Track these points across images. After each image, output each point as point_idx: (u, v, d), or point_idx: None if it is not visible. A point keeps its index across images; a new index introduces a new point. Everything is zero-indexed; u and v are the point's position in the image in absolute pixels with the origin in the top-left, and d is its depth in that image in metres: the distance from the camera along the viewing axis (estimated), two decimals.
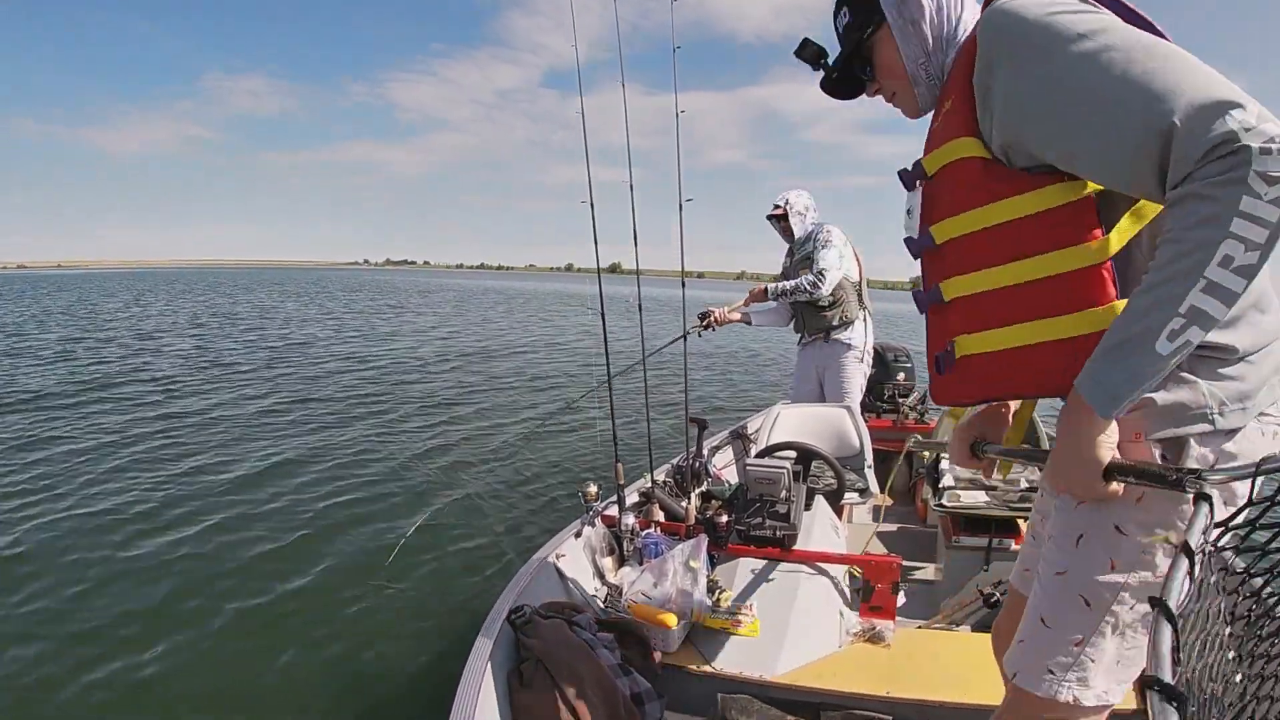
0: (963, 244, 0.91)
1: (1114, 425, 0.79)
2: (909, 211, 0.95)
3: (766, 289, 3.39)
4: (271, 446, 5.48)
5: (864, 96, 1.07)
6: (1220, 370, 0.81)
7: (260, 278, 58.87)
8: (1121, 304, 0.80)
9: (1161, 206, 0.77)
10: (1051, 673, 0.91)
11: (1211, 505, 0.67)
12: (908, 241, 1.00)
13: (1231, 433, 0.82)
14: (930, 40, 0.96)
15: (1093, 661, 0.89)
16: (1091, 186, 0.83)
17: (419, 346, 12.89)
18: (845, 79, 1.05)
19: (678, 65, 2.52)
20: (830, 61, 1.05)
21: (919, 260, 1.02)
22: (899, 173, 0.95)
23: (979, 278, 0.90)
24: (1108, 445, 0.79)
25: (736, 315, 3.42)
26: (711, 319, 3.37)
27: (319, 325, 16.35)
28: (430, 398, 7.79)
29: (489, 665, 1.52)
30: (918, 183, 0.97)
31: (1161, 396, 0.82)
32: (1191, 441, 0.82)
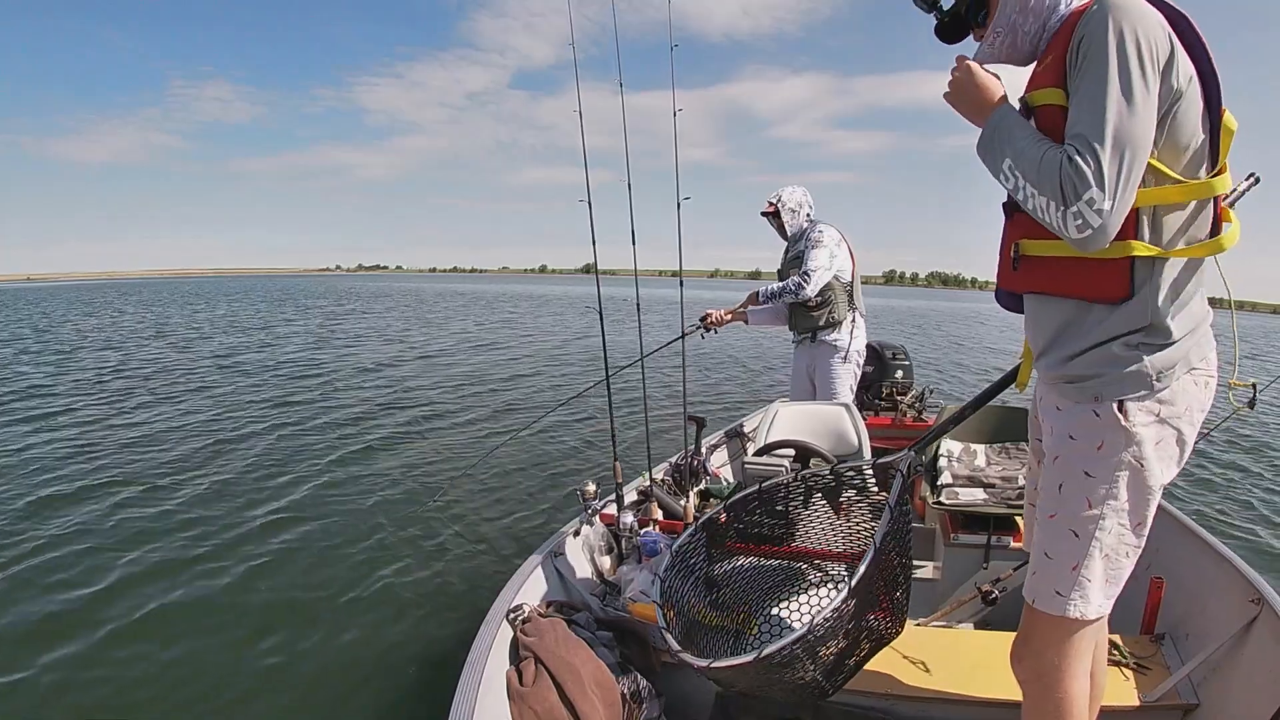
0: None
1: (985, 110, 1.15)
2: None
3: (758, 292, 3.40)
4: (258, 451, 5.48)
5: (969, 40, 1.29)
6: (1159, 349, 1.09)
7: (229, 286, 57.55)
8: (1138, 245, 1.06)
9: (1162, 198, 1.07)
10: (1059, 594, 1.17)
11: (904, 476, 1.39)
12: None
13: (1166, 389, 1.10)
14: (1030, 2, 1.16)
15: (1089, 581, 1.15)
16: None
17: (408, 351, 12.89)
18: (953, 24, 1.27)
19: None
20: (944, 6, 1.27)
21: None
22: (1018, 105, 1.18)
23: None
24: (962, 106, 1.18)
25: (732, 316, 3.44)
26: (710, 320, 3.39)
27: (296, 332, 16.26)
28: (423, 400, 7.78)
29: (488, 664, 1.52)
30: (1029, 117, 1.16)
31: (1115, 372, 1.10)
32: (1129, 403, 1.10)
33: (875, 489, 1.52)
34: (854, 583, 1.18)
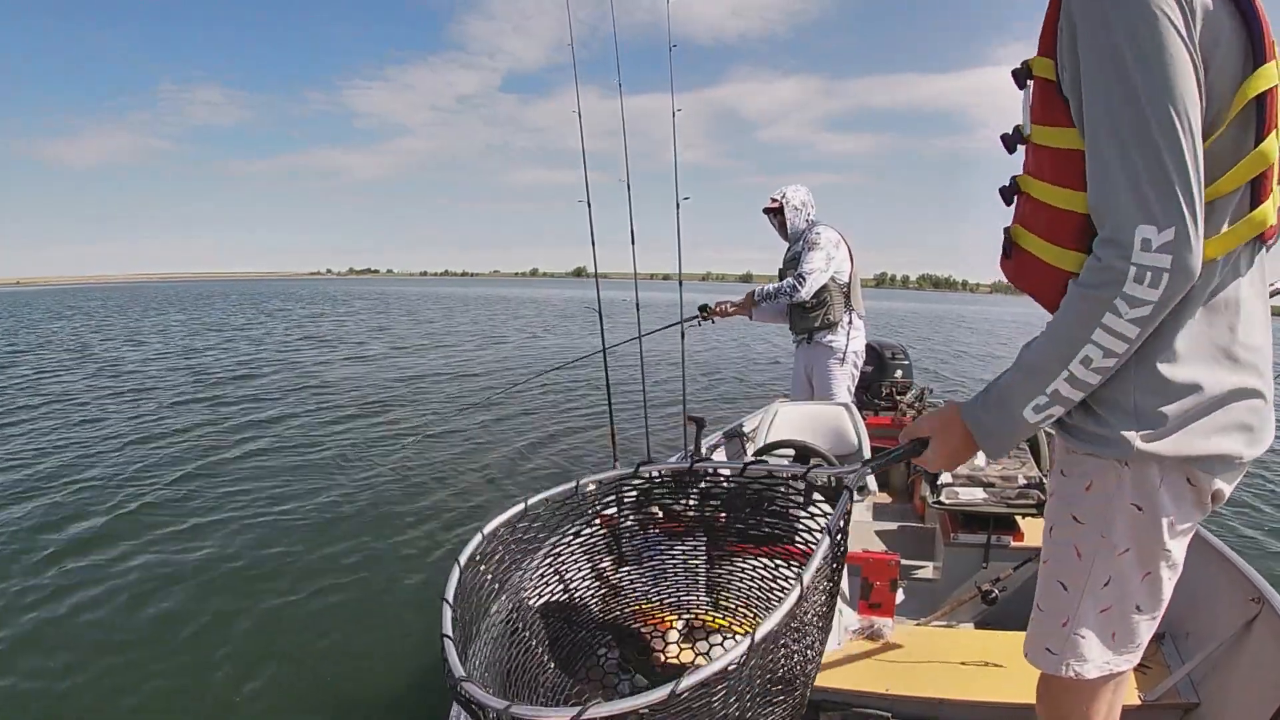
0: (1035, 150, 0.95)
1: (973, 447, 0.96)
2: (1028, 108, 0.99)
3: (755, 291, 3.42)
4: (259, 453, 5.47)
5: None
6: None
7: (214, 290, 57.23)
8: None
9: None
10: (1051, 652, 1.00)
11: (852, 495, 1.04)
12: (1003, 138, 1.03)
13: None
14: None
15: (1082, 638, 0.97)
16: None
17: (403, 355, 12.88)
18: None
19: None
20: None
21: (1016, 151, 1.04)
22: (1012, 71, 0.97)
23: (1036, 185, 0.94)
24: (962, 458, 0.98)
25: (735, 310, 3.45)
26: (712, 312, 3.41)
27: (269, 335, 16.22)
28: (419, 401, 7.77)
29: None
30: (1027, 82, 0.96)
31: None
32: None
33: (821, 500, 1.23)
34: (754, 640, 0.78)
